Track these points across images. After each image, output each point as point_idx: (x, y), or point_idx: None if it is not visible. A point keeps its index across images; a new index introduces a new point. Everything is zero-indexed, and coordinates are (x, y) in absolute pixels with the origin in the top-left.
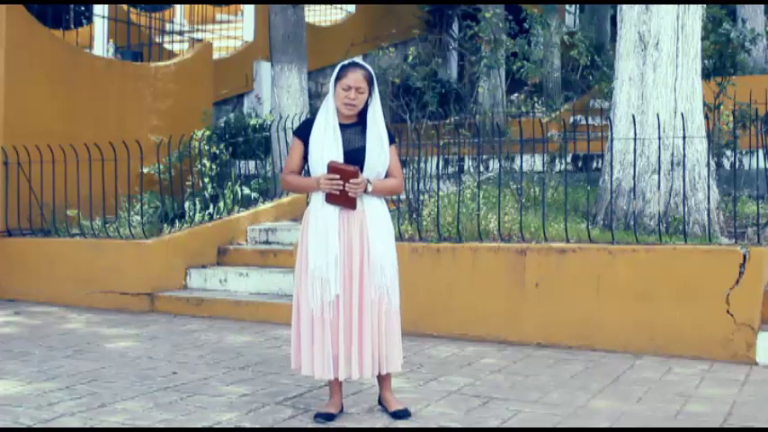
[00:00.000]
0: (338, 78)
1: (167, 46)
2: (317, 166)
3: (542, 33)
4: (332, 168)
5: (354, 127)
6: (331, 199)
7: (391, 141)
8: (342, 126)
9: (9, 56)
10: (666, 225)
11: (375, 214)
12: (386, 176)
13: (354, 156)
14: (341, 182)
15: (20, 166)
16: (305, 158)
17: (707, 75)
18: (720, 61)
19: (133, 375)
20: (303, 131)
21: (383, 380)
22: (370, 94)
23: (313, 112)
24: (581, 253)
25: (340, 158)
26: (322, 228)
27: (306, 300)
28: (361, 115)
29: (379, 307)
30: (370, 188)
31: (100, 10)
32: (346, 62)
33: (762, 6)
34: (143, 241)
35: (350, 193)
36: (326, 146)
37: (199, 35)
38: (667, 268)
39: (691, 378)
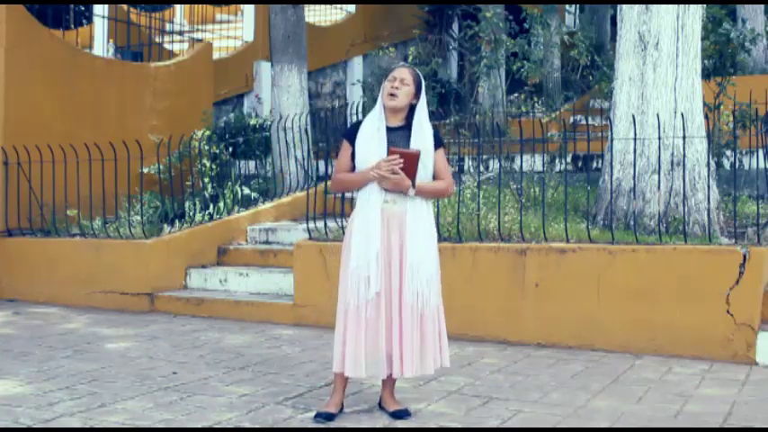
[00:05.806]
0: (386, 75)
1: (167, 46)
2: (362, 167)
3: (542, 33)
4: (392, 151)
5: (401, 130)
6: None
7: (439, 145)
8: (389, 129)
9: (9, 56)
10: (666, 225)
11: (417, 216)
12: (434, 179)
13: None
14: (401, 161)
15: (20, 166)
16: (353, 160)
17: (707, 75)
18: (720, 61)
19: (133, 375)
20: (351, 133)
21: (387, 381)
22: (417, 97)
23: (313, 111)
24: (581, 253)
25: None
26: (365, 227)
27: (348, 299)
28: (409, 119)
29: (415, 309)
30: (412, 192)
31: (100, 10)
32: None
33: (762, 6)
34: (143, 241)
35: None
36: (372, 147)
37: (199, 35)
38: (667, 268)
39: (691, 378)
